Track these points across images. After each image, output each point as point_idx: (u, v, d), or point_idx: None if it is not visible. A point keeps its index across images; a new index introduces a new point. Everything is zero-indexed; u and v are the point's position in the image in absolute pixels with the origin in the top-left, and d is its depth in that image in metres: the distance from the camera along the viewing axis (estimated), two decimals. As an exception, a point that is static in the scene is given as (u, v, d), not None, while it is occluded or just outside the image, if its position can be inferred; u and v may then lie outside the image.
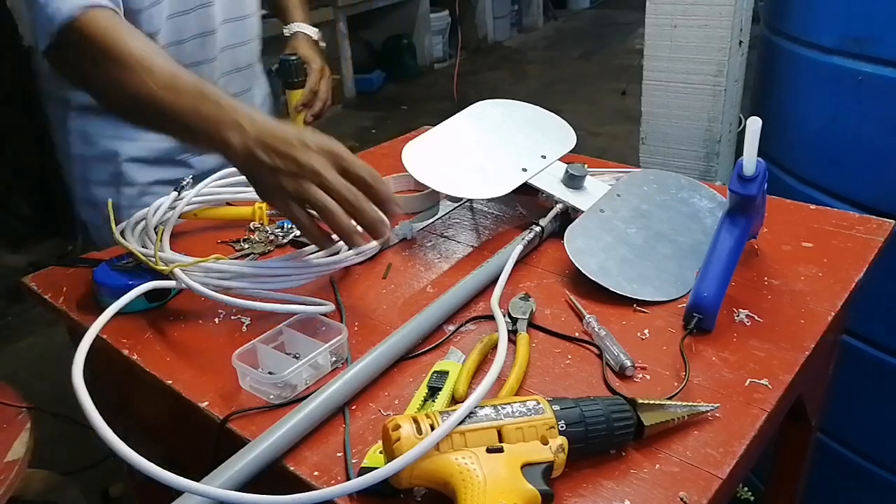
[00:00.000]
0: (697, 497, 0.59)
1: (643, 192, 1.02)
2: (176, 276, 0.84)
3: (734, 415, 0.67)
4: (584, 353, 0.78)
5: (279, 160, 0.77)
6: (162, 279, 0.84)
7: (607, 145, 3.88)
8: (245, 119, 0.79)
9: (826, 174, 1.26)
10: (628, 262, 0.90)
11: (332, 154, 0.78)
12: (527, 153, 1.09)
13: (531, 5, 7.12)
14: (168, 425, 0.93)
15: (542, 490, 0.56)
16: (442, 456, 0.57)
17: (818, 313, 0.81)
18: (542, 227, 0.98)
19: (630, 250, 0.92)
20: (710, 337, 0.78)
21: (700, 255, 0.85)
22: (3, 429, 1.21)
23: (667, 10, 1.51)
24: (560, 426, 0.60)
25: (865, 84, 1.14)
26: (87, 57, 0.88)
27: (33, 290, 0.97)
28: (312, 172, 0.76)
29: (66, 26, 0.88)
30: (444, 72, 5.86)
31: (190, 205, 1.05)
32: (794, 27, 1.30)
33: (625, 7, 7.20)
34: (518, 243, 0.94)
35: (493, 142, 1.10)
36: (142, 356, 0.81)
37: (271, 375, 0.73)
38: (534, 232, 0.97)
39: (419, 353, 0.78)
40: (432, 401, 0.70)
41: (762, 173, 0.81)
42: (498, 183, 1.03)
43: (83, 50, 0.88)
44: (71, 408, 1.37)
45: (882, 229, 0.98)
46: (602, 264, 0.89)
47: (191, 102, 0.81)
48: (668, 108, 1.59)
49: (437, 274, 0.95)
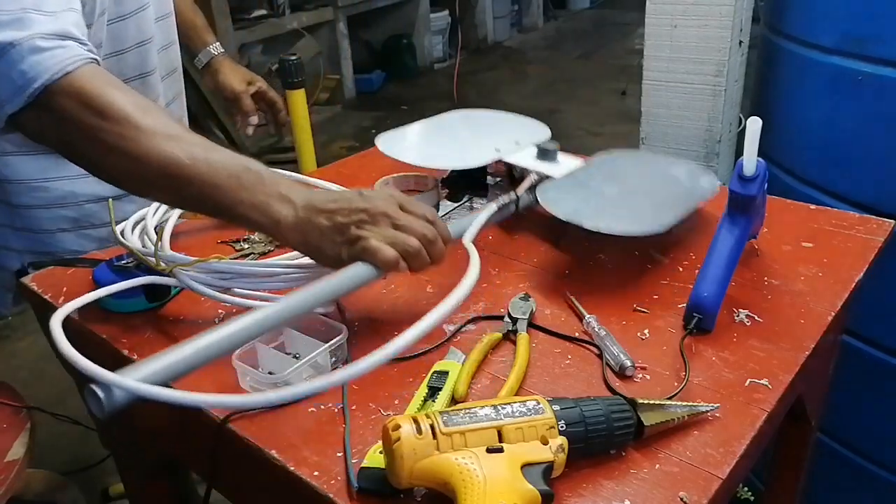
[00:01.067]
0: (697, 497, 0.59)
1: (618, 161, 1.07)
2: (176, 275, 0.84)
3: (734, 415, 0.67)
4: (584, 353, 0.78)
5: (343, 217, 0.74)
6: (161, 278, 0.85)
7: (607, 145, 3.85)
8: (293, 191, 0.75)
9: (826, 174, 1.26)
10: (602, 207, 0.92)
11: (392, 196, 0.78)
12: (501, 138, 1.12)
13: (531, 5, 7.11)
14: (168, 425, 0.93)
15: (542, 490, 0.56)
16: (442, 456, 0.57)
17: (818, 313, 0.81)
18: (517, 196, 0.99)
19: (604, 200, 0.95)
20: (710, 337, 0.78)
21: (677, 205, 0.87)
22: (3, 429, 1.21)
23: (667, 10, 1.51)
24: (560, 426, 0.60)
25: (865, 84, 1.14)
26: (82, 122, 0.74)
27: (33, 290, 0.97)
28: (383, 214, 0.75)
29: (48, 88, 0.74)
30: (444, 72, 5.86)
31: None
32: (794, 27, 1.30)
33: (625, 7, 7.19)
34: (492, 202, 0.95)
35: (467, 130, 1.14)
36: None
37: (271, 375, 0.73)
38: (510, 198, 0.98)
39: (419, 353, 0.78)
40: (432, 401, 0.70)
41: (762, 173, 0.81)
42: (471, 158, 1.06)
43: (74, 113, 0.74)
44: (71, 408, 1.37)
45: (882, 229, 0.98)
46: (576, 208, 0.91)
47: (226, 175, 0.74)
48: (668, 108, 1.59)
49: (437, 274, 0.95)
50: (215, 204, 0.75)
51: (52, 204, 1.14)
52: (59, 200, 1.14)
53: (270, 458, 0.66)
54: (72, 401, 1.31)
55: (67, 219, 1.15)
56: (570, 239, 1.00)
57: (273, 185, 0.75)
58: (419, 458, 0.56)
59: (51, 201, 1.14)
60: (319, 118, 4.80)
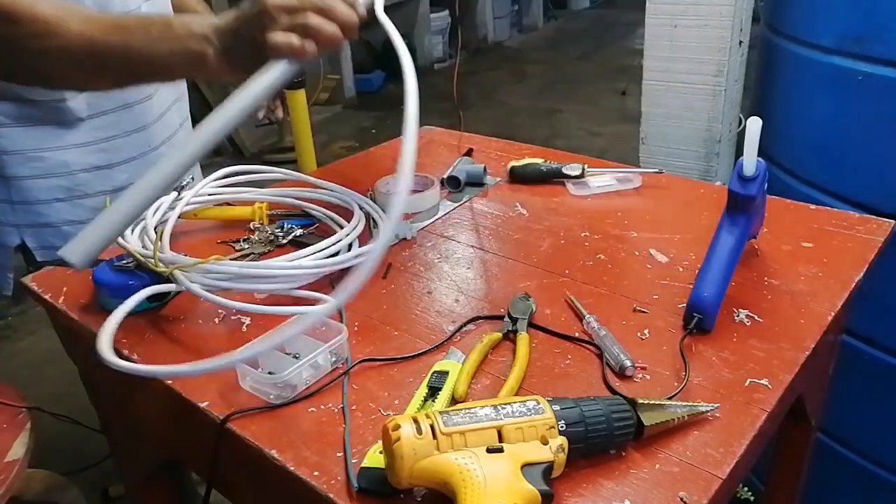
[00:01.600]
0: (697, 497, 0.59)
1: None
2: (175, 277, 0.84)
3: (734, 415, 0.67)
4: (584, 353, 0.78)
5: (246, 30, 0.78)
6: (162, 281, 0.85)
7: (607, 145, 3.87)
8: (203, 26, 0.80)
9: (826, 174, 1.26)
10: None
11: None
12: None
13: (531, 5, 7.12)
14: (168, 425, 0.93)
15: (542, 490, 0.56)
16: (442, 456, 0.57)
17: (818, 313, 0.81)
18: None
19: None
20: (710, 337, 0.78)
21: None
22: (3, 429, 1.21)
23: (667, 10, 1.51)
24: (560, 426, 0.60)
25: (865, 84, 1.14)
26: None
27: (33, 290, 0.97)
28: (279, 8, 0.77)
29: None
30: (444, 72, 5.86)
31: (190, 205, 1.05)
32: (794, 27, 1.30)
33: (625, 7, 7.20)
34: None
35: None
36: (142, 356, 0.81)
37: (271, 375, 0.73)
38: None
39: (419, 353, 0.79)
40: (432, 401, 0.70)
41: (762, 173, 0.81)
42: None
43: None
44: (71, 408, 1.37)
45: (882, 229, 0.98)
46: None
47: (140, 34, 0.81)
48: (668, 108, 1.59)
49: (437, 274, 0.95)
50: (140, 67, 0.83)
51: (47, 174, 1.17)
52: (53, 170, 1.17)
53: (270, 458, 0.66)
54: (72, 401, 1.32)
55: (61, 188, 1.18)
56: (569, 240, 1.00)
57: (182, 27, 0.81)
58: (419, 458, 0.56)
59: (45, 171, 1.17)
60: (319, 118, 4.80)
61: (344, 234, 0.96)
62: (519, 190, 1.19)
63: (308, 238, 1.03)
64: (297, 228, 1.06)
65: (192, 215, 1.08)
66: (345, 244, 0.94)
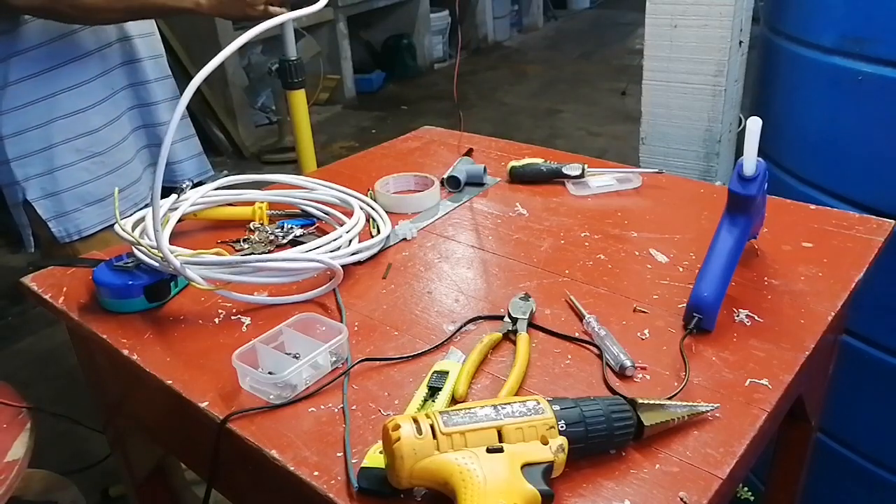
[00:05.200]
0: (697, 497, 0.59)
1: None
2: (181, 269, 0.84)
3: (734, 415, 0.67)
4: (584, 353, 0.78)
5: None
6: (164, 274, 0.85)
7: (607, 145, 3.87)
8: None
9: (826, 174, 1.26)
10: None
11: None
12: None
13: (531, 5, 7.11)
14: (168, 425, 0.93)
15: (542, 490, 0.56)
16: (442, 456, 0.57)
17: (818, 313, 0.81)
18: None
19: None
20: (710, 337, 0.78)
21: None
22: (3, 429, 1.21)
23: (667, 10, 1.51)
24: (560, 426, 0.60)
25: (865, 84, 1.14)
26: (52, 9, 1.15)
27: (33, 290, 0.97)
28: None
29: None
30: (444, 72, 5.86)
31: (194, 205, 1.05)
32: (794, 27, 1.30)
33: (625, 7, 7.20)
34: None
35: None
36: (142, 356, 0.81)
37: (271, 375, 0.73)
38: None
39: (419, 353, 0.79)
40: (432, 401, 0.70)
41: (762, 173, 0.81)
42: None
43: None
44: (71, 408, 1.37)
45: (882, 229, 0.98)
46: None
47: None
48: (668, 108, 1.59)
49: (437, 274, 0.95)
50: (150, 8, 1.26)
51: (43, 123, 1.26)
52: (45, 117, 1.26)
53: (270, 458, 0.66)
54: (72, 401, 1.32)
55: (63, 129, 1.28)
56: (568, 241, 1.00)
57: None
58: (419, 459, 0.56)
59: (40, 118, 1.26)
60: (319, 118, 4.80)
61: (344, 230, 0.96)
62: (519, 190, 1.19)
63: (308, 238, 1.03)
64: (297, 228, 1.06)
65: (193, 216, 1.08)
66: (345, 240, 0.95)
